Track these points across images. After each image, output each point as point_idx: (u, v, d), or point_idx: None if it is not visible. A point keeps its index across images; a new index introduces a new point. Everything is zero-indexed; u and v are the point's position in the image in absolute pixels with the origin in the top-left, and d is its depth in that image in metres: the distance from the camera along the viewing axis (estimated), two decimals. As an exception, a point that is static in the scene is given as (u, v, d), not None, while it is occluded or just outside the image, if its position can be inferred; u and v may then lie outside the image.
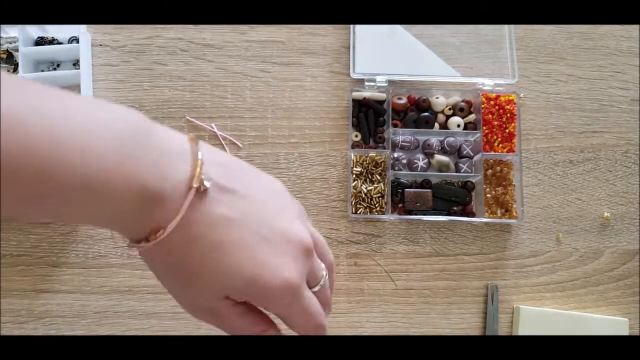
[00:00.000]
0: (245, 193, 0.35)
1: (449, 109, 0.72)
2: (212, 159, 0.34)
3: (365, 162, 0.70)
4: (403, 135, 0.71)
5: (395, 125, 0.71)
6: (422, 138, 0.72)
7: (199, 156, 0.33)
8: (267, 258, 0.35)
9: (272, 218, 0.36)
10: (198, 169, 0.32)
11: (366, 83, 0.72)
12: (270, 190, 0.37)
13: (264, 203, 0.36)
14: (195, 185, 0.32)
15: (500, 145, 0.70)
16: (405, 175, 0.70)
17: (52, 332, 0.66)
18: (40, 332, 0.66)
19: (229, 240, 0.34)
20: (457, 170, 0.71)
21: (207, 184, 0.33)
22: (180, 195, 0.32)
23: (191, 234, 0.33)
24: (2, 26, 0.69)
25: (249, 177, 0.36)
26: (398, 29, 0.74)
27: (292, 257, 0.36)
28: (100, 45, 0.72)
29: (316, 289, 0.39)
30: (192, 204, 0.32)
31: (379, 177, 0.70)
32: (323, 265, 0.40)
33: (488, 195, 0.69)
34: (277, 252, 0.35)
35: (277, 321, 0.39)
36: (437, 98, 0.72)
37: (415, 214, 0.69)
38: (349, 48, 0.73)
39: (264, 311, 0.39)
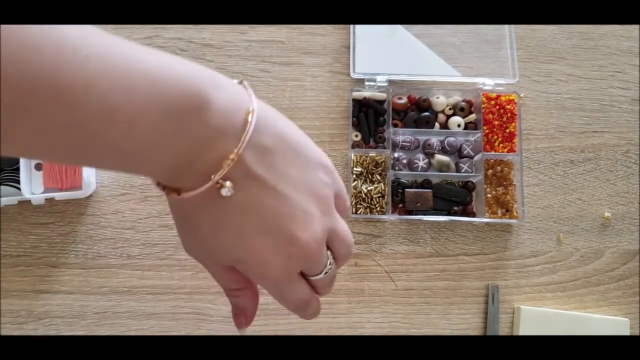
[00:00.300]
0: (273, 184, 0.34)
1: (450, 109, 0.72)
2: (260, 141, 0.34)
3: (365, 162, 0.70)
4: (403, 135, 0.71)
5: (395, 125, 0.71)
6: (422, 138, 0.72)
7: (245, 138, 0.33)
8: (261, 249, 0.35)
9: (286, 217, 0.35)
10: (225, 167, 0.33)
11: (366, 83, 0.72)
12: (304, 184, 0.36)
13: (285, 199, 0.35)
14: (216, 179, 0.33)
15: (501, 145, 0.70)
16: (405, 175, 0.70)
17: (52, 333, 0.65)
18: (39, 332, 0.65)
19: (234, 223, 0.35)
20: (458, 170, 0.71)
21: (225, 191, 0.33)
22: (203, 179, 0.33)
23: (200, 202, 0.34)
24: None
25: (289, 165, 0.36)
26: (398, 29, 0.74)
27: (286, 257, 0.36)
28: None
29: (314, 278, 0.40)
30: (209, 190, 0.33)
31: (379, 177, 0.69)
32: (329, 260, 0.39)
33: (489, 195, 0.69)
34: (273, 248, 0.36)
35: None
36: (438, 98, 0.72)
37: (416, 214, 0.69)
38: (349, 48, 0.73)
39: None
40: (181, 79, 0.31)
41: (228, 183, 0.33)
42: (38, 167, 0.66)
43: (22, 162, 0.64)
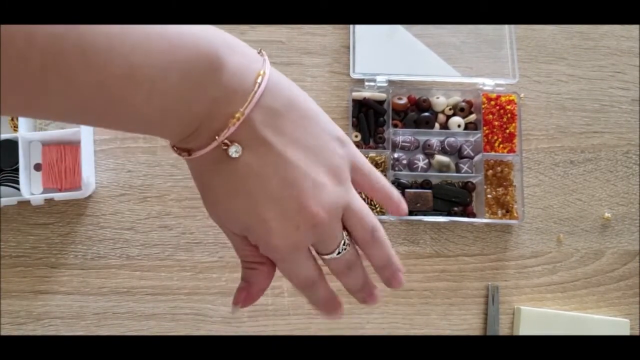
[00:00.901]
0: (281, 149, 0.34)
1: (450, 109, 0.72)
2: (270, 104, 0.34)
3: (365, 163, 0.69)
4: (403, 136, 0.71)
5: (395, 126, 0.71)
6: (422, 138, 0.72)
7: (253, 99, 0.33)
8: (267, 217, 0.35)
9: (295, 185, 0.35)
10: (230, 127, 0.33)
11: (366, 83, 0.72)
12: (314, 150, 0.36)
13: (293, 165, 0.35)
14: (219, 139, 0.33)
15: (501, 145, 0.70)
16: (405, 175, 0.70)
17: (51, 334, 0.65)
18: (39, 333, 0.65)
19: (242, 188, 0.35)
20: (458, 170, 0.71)
21: (233, 153, 0.34)
22: (211, 139, 0.33)
23: (213, 167, 0.35)
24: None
25: (300, 130, 0.35)
26: (398, 29, 0.74)
27: (294, 226, 0.35)
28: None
29: (328, 257, 0.38)
30: (219, 152, 0.34)
31: (379, 178, 0.69)
32: (344, 239, 0.38)
33: (489, 195, 0.69)
34: (281, 216, 0.35)
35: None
36: (438, 98, 0.72)
37: (416, 215, 0.69)
38: (348, 48, 0.73)
39: None
40: (196, 40, 0.32)
41: (235, 145, 0.33)
42: (37, 167, 0.66)
43: (22, 163, 0.64)
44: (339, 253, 0.38)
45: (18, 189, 0.64)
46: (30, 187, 0.66)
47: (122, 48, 0.29)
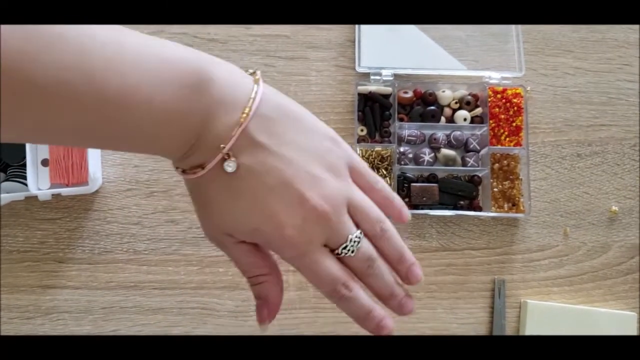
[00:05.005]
0: (277, 150, 0.36)
1: (456, 103, 0.72)
2: (262, 112, 0.36)
3: (371, 157, 0.69)
4: (409, 130, 0.71)
5: (401, 119, 0.71)
6: (428, 132, 0.72)
7: (247, 111, 0.35)
8: (275, 211, 0.36)
9: (293, 179, 0.36)
10: (234, 138, 0.34)
11: (372, 77, 0.71)
12: (307, 149, 0.37)
13: (291, 162, 0.36)
14: (224, 151, 0.35)
15: (507, 138, 0.70)
16: (411, 169, 0.70)
17: (59, 328, 0.66)
18: (47, 327, 0.66)
19: (244, 189, 0.36)
20: (464, 164, 0.70)
21: (228, 167, 0.35)
22: (213, 152, 0.35)
23: (212, 176, 0.36)
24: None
25: (292, 132, 0.37)
26: (404, 23, 0.74)
27: (301, 218, 0.36)
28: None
29: (341, 253, 0.38)
30: (220, 164, 0.35)
31: (385, 172, 0.69)
32: (355, 233, 0.38)
33: (495, 189, 0.69)
34: (287, 210, 0.36)
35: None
36: (444, 92, 0.71)
37: (422, 209, 0.69)
38: (354, 42, 0.72)
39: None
40: (186, 58, 0.34)
41: (231, 160, 0.35)
42: (44, 163, 0.67)
43: (29, 158, 0.64)
44: (352, 247, 0.38)
45: (25, 185, 0.64)
46: (38, 182, 0.66)
47: (117, 69, 0.30)
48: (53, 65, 0.28)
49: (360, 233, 0.38)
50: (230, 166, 0.35)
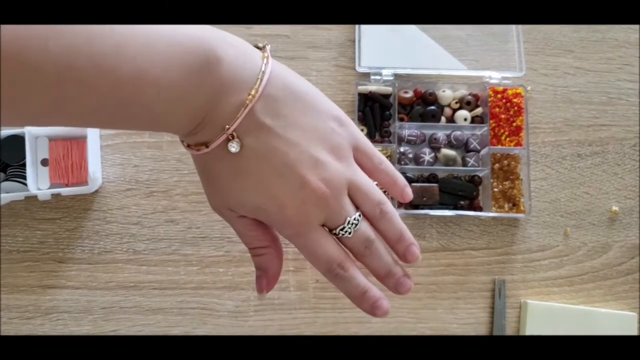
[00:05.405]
0: (281, 132, 0.36)
1: (456, 103, 0.72)
2: (268, 92, 0.36)
3: (371, 157, 0.69)
4: (409, 129, 0.71)
5: (401, 119, 0.71)
6: (428, 132, 0.72)
7: (253, 92, 0.35)
8: (277, 193, 0.37)
9: (296, 162, 0.37)
10: (239, 120, 0.35)
11: (372, 77, 0.71)
12: (312, 131, 0.38)
13: (295, 145, 0.37)
14: (228, 132, 0.35)
15: (508, 138, 0.70)
16: (411, 169, 0.70)
17: (59, 328, 0.66)
18: (47, 327, 0.66)
19: (247, 169, 0.37)
20: (464, 164, 0.70)
21: (232, 148, 0.35)
22: (219, 130, 0.35)
23: (216, 154, 0.37)
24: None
25: (297, 113, 0.37)
26: (404, 22, 0.74)
27: (300, 200, 0.37)
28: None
29: (339, 233, 0.39)
30: (225, 142, 0.36)
31: (385, 172, 0.69)
32: (354, 215, 0.39)
33: (495, 189, 0.69)
34: (289, 191, 0.37)
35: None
36: (444, 91, 0.71)
37: (422, 209, 0.68)
38: (354, 41, 0.72)
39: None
40: (194, 38, 0.34)
41: (235, 140, 0.35)
42: (44, 162, 0.67)
43: (29, 158, 0.64)
44: (349, 228, 0.39)
45: (25, 184, 0.64)
46: (37, 182, 0.66)
47: (127, 53, 0.31)
48: (62, 50, 0.28)
49: (359, 215, 0.39)
50: (233, 147, 0.36)
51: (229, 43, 0.35)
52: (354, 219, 0.39)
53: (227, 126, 0.35)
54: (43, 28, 0.28)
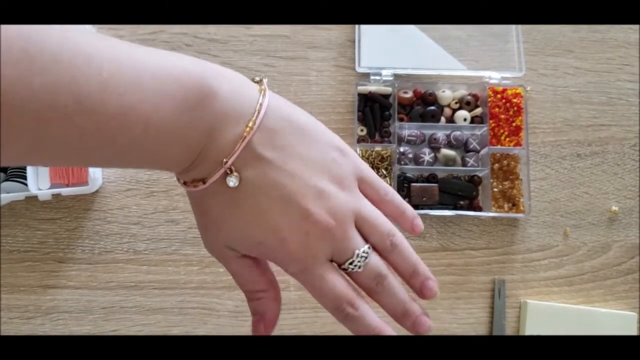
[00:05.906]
0: (281, 164, 0.35)
1: (456, 103, 0.72)
2: (267, 125, 0.35)
3: (371, 157, 0.69)
4: (409, 130, 0.71)
5: (401, 120, 0.71)
6: (428, 132, 0.72)
7: (250, 125, 0.34)
8: (279, 226, 0.35)
9: (297, 193, 0.35)
10: (236, 153, 0.34)
11: (372, 77, 0.71)
12: (313, 162, 0.36)
13: (295, 176, 0.35)
14: (226, 166, 0.34)
15: (507, 138, 0.70)
16: (411, 169, 0.70)
17: (60, 328, 0.66)
18: (47, 327, 0.66)
19: (247, 203, 0.35)
20: (464, 164, 0.70)
21: (230, 182, 0.34)
22: (216, 166, 0.34)
23: (214, 190, 0.35)
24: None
25: (297, 144, 0.36)
26: (404, 23, 0.74)
27: (304, 232, 0.35)
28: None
29: (348, 268, 0.37)
30: (223, 177, 0.34)
31: (385, 172, 0.69)
32: (363, 248, 0.37)
33: (495, 189, 0.69)
34: (291, 224, 0.35)
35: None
36: (444, 92, 0.71)
37: (422, 209, 0.69)
38: (354, 42, 0.72)
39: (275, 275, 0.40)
40: (187, 74, 0.32)
41: (233, 175, 0.34)
42: (44, 162, 0.67)
43: (29, 158, 0.64)
44: (359, 262, 0.37)
45: (26, 185, 0.64)
46: (38, 182, 0.66)
47: (115, 90, 0.29)
48: (46, 89, 0.27)
49: (369, 248, 0.37)
50: (232, 181, 0.34)
51: (223, 76, 0.34)
52: (364, 252, 0.37)
53: (224, 160, 0.34)
54: (28, 65, 0.27)
